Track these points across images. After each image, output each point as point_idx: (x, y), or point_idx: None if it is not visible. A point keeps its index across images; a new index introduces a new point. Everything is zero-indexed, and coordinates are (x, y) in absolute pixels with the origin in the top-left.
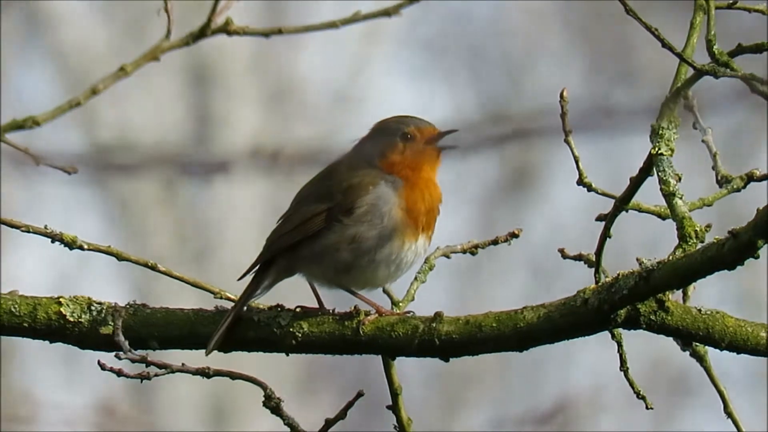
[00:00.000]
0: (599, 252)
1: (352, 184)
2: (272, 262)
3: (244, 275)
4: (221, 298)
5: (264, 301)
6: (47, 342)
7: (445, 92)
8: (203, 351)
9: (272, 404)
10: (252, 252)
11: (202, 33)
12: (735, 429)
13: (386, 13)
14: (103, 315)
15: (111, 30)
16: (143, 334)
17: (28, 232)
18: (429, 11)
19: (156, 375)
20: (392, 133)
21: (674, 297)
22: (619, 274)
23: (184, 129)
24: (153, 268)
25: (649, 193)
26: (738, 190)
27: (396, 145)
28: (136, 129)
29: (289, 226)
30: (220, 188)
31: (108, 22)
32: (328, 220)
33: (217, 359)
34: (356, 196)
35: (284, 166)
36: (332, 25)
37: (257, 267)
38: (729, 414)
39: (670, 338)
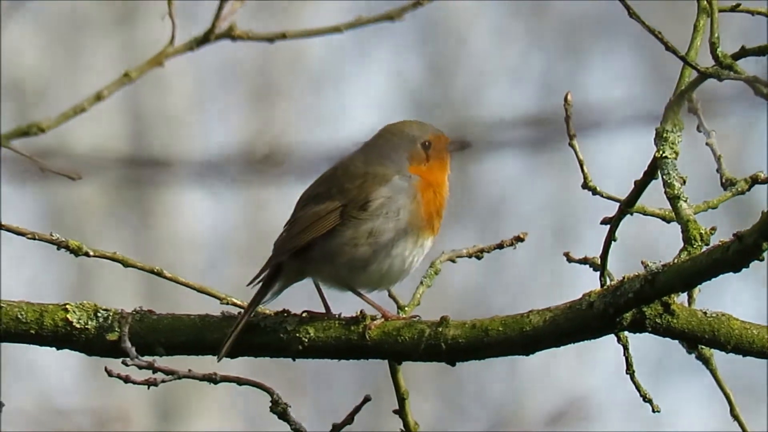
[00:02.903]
0: (604, 255)
1: (366, 180)
2: (281, 267)
3: (254, 281)
4: (227, 303)
5: (270, 306)
6: (54, 348)
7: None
8: (209, 357)
9: (279, 409)
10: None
11: (206, 38)
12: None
13: (389, 17)
14: (109, 321)
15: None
16: (150, 340)
17: (34, 239)
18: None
19: (163, 381)
20: (412, 140)
21: (679, 300)
22: (624, 278)
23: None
24: (159, 274)
25: (654, 196)
26: (742, 192)
27: (419, 153)
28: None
29: (299, 227)
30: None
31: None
32: (343, 217)
33: (223, 364)
34: (371, 190)
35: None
36: (336, 29)
37: (266, 272)
38: (735, 417)
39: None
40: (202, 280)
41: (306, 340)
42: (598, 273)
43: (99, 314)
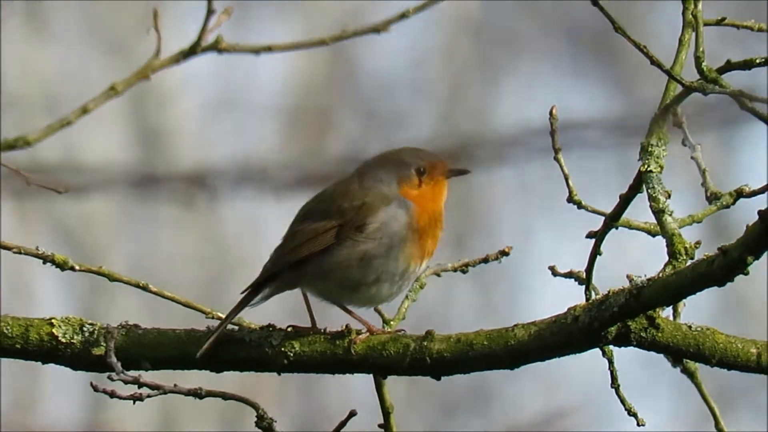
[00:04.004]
0: (589, 269)
1: (365, 202)
2: (275, 275)
3: (248, 290)
4: (212, 318)
5: (256, 320)
6: (40, 363)
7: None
8: (195, 371)
9: (264, 424)
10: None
11: (193, 51)
12: None
13: (375, 29)
14: (95, 336)
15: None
16: (135, 355)
17: (20, 253)
18: None
19: (149, 396)
20: (407, 166)
21: (664, 314)
22: (609, 292)
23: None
24: (145, 288)
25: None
26: (727, 206)
27: (411, 178)
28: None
29: (295, 242)
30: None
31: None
32: (338, 237)
33: (210, 379)
34: (369, 214)
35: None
36: (322, 42)
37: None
38: (720, 431)
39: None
40: (208, 294)
41: (291, 355)
42: (584, 287)
43: (84, 329)
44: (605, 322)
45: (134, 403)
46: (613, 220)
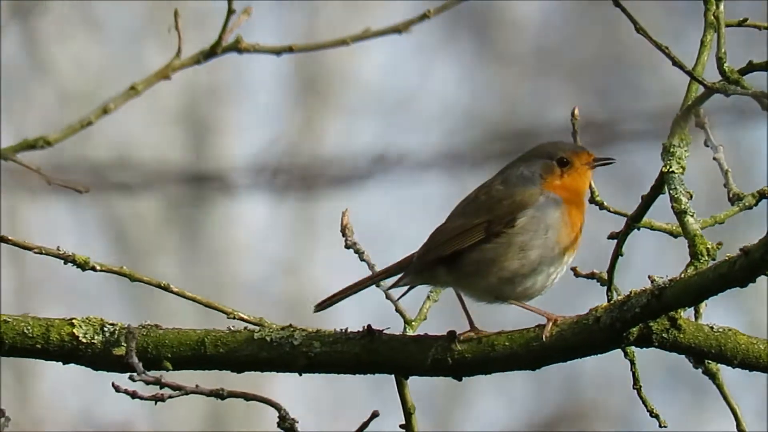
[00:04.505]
0: (611, 270)
1: (514, 199)
2: (419, 270)
3: (383, 276)
4: (234, 318)
5: (276, 321)
6: (60, 363)
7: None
8: (215, 372)
9: (287, 425)
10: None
11: (213, 51)
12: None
13: (396, 29)
14: (116, 336)
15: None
16: (156, 355)
17: (41, 253)
18: None
19: (170, 396)
20: (549, 157)
21: (686, 314)
22: (631, 292)
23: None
24: (166, 288)
25: (662, 211)
26: (750, 207)
27: (554, 169)
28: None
29: (442, 237)
30: (227, 207)
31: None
32: (487, 232)
33: (230, 379)
34: (518, 209)
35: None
36: (343, 42)
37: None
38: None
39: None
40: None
41: (313, 355)
42: (605, 288)
43: (105, 329)
44: (627, 323)
45: (156, 403)
46: (635, 221)
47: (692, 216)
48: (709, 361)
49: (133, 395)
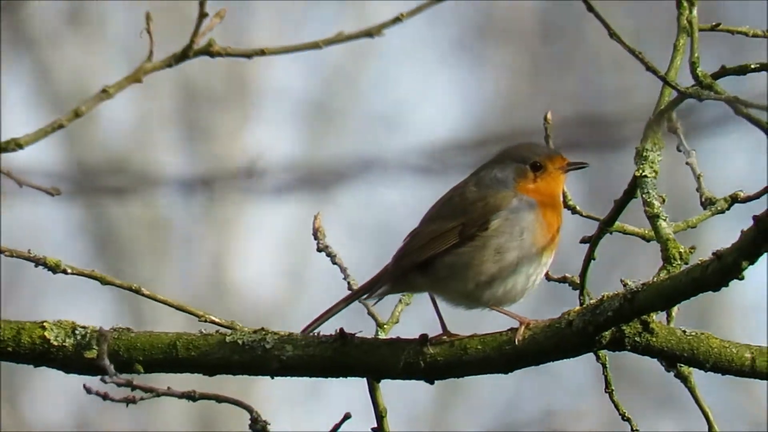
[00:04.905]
0: (584, 274)
1: (487, 201)
2: (395, 278)
3: (365, 290)
4: (205, 321)
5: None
6: (32, 366)
7: None
8: (187, 374)
9: (258, 427)
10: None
11: (185, 55)
12: None
13: (368, 33)
14: (87, 339)
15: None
16: (128, 358)
17: (12, 256)
18: None
19: (142, 399)
20: (523, 161)
21: (658, 318)
22: (603, 296)
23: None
24: (137, 291)
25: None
26: (722, 211)
27: (527, 174)
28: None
29: (418, 242)
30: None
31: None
32: (462, 236)
33: (203, 382)
34: (491, 211)
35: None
36: (315, 45)
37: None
38: None
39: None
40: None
41: (285, 358)
42: (578, 292)
43: (77, 332)
44: (599, 327)
45: (127, 405)
46: (607, 225)
47: (665, 220)
48: (681, 365)
49: (105, 397)
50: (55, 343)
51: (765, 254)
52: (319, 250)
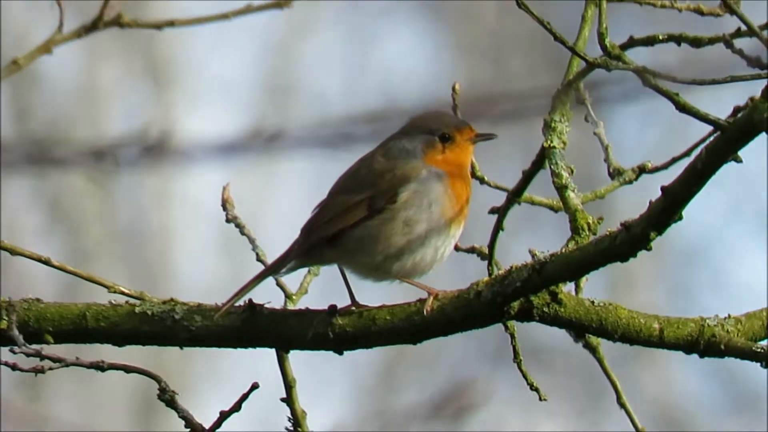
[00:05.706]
0: (492, 245)
1: (395, 173)
2: (306, 251)
3: (276, 266)
4: (115, 292)
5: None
6: None
7: None
8: (96, 345)
9: (167, 397)
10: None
11: (94, 26)
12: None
13: (278, 5)
14: None
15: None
16: (37, 328)
17: None
18: None
19: (50, 369)
20: (431, 132)
21: (566, 289)
22: (512, 267)
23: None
24: (47, 263)
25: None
26: (630, 182)
27: (436, 145)
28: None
29: (325, 216)
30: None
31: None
32: (370, 209)
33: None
34: (400, 183)
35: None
36: (224, 17)
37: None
38: (622, 405)
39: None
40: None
41: (194, 329)
42: (486, 262)
43: None
44: (508, 297)
45: (36, 375)
46: (515, 195)
47: (573, 191)
48: (590, 336)
49: (14, 367)
50: None
51: (672, 225)
52: (227, 221)
